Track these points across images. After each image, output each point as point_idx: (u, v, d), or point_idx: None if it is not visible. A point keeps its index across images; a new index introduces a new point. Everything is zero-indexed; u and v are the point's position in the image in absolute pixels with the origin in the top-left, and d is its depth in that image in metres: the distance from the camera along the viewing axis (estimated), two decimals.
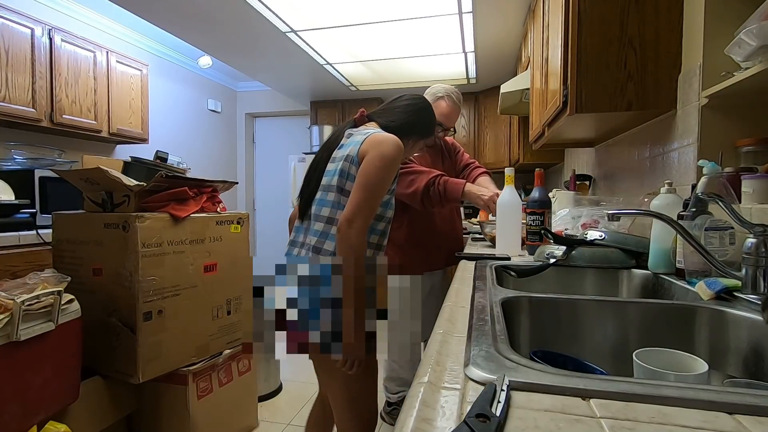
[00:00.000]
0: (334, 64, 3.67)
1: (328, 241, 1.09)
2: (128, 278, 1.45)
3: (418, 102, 1.26)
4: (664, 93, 1.29)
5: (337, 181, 1.10)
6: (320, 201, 1.12)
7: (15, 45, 2.54)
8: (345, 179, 1.09)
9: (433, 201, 1.61)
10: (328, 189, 1.12)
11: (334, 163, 1.13)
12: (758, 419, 0.36)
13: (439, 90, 1.80)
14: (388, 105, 1.26)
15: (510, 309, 0.76)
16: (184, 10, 2.70)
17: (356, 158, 1.08)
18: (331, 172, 1.13)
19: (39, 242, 2.18)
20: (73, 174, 1.59)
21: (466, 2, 2.57)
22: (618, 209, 0.93)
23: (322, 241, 1.09)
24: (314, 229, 1.12)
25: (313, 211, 1.13)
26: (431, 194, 1.60)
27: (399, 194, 1.65)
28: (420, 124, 1.25)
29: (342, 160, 1.10)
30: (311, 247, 1.10)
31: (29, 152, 2.79)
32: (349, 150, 1.11)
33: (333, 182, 1.11)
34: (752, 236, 0.70)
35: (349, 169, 1.09)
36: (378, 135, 1.11)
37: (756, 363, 0.65)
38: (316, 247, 1.09)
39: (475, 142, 4.42)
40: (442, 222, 1.87)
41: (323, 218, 1.11)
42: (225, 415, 1.78)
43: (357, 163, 1.08)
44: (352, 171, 1.09)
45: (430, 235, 1.82)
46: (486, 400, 0.37)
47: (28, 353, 1.20)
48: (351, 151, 1.10)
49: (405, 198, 1.66)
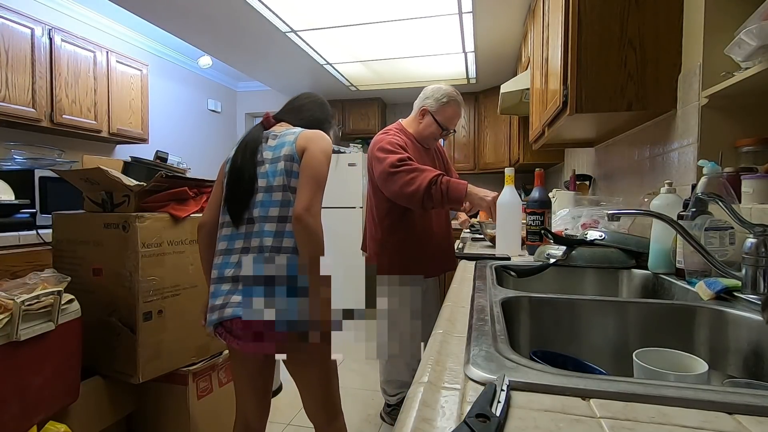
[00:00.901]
0: (334, 64, 3.67)
1: (285, 239, 1.11)
2: (128, 278, 1.45)
3: (316, 99, 1.34)
4: (664, 93, 1.29)
5: (282, 180, 1.12)
6: (265, 203, 1.13)
7: (15, 45, 2.54)
8: (290, 177, 1.13)
9: (435, 201, 1.56)
10: (271, 190, 1.13)
11: (269, 164, 1.15)
12: (758, 419, 0.36)
13: (443, 95, 1.79)
14: (290, 106, 1.32)
15: (510, 309, 0.76)
16: (184, 10, 2.70)
17: (296, 155, 1.13)
18: (270, 173, 1.14)
19: (39, 242, 2.18)
20: (73, 174, 1.59)
21: (466, 2, 2.57)
22: (618, 209, 0.93)
23: (279, 240, 1.11)
24: (266, 230, 1.11)
25: (258, 214, 1.13)
26: (433, 193, 1.55)
27: (396, 193, 1.61)
28: (324, 120, 1.33)
29: (281, 160, 1.13)
30: (267, 248, 1.10)
31: (29, 152, 2.79)
32: (284, 150, 1.14)
33: (277, 182, 1.13)
34: (752, 236, 0.70)
35: (291, 168, 1.13)
36: (308, 132, 1.17)
37: (756, 363, 0.65)
38: (274, 246, 1.10)
39: (475, 142, 4.42)
40: (439, 229, 1.86)
41: (273, 218, 1.12)
42: (225, 415, 1.78)
43: (298, 160, 1.13)
44: (295, 168, 1.13)
45: (426, 243, 1.80)
46: (486, 400, 0.37)
47: (28, 353, 1.20)
48: (287, 150, 1.14)
49: (403, 197, 1.60)
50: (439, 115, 1.80)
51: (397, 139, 1.72)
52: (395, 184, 1.60)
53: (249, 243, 1.14)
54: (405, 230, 1.77)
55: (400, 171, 1.60)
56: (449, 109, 1.80)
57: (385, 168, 1.63)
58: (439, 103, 1.79)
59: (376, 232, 1.83)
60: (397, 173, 1.60)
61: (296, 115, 1.30)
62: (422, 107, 1.83)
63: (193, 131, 4.58)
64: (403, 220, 1.77)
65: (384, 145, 1.68)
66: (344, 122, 4.72)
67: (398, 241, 1.77)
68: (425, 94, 1.85)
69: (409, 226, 1.77)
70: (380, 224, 1.80)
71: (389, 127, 1.83)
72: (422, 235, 1.79)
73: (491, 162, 4.25)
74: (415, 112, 1.87)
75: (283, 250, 1.10)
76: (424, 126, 1.83)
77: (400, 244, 1.77)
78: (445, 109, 1.79)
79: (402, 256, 1.77)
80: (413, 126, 1.86)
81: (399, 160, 1.61)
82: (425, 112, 1.82)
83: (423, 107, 1.83)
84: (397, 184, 1.60)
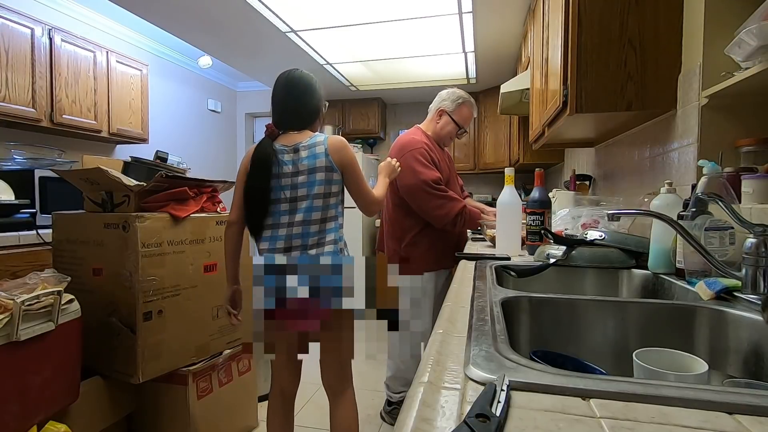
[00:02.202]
0: (334, 64, 3.67)
1: (328, 235, 1.33)
2: (128, 278, 1.45)
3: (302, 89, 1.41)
4: (664, 93, 1.29)
5: (322, 189, 1.31)
6: (308, 209, 1.31)
7: (15, 45, 2.54)
8: (330, 185, 1.32)
9: (457, 228, 1.83)
10: (313, 197, 1.31)
11: (303, 176, 1.32)
12: (758, 419, 0.36)
13: (460, 96, 1.94)
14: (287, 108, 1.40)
15: (510, 309, 0.76)
16: (185, 10, 2.70)
17: (334, 166, 1.32)
18: (309, 184, 1.31)
19: (39, 242, 2.18)
20: (73, 174, 1.59)
21: (466, 2, 2.57)
22: (618, 209, 0.93)
23: (323, 237, 1.33)
24: (309, 231, 1.32)
25: (300, 218, 1.31)
26: (456, 223, 1.79)
27: (423, 209, 1.80)
28: (319, 102, 1.44)
29: (319, 171, 1.31)
30: (313, 245, 1.32)
31: (29, 152, 2.79)
32: (317, 162, 1.31)
33: (317, 191, 1.31)
34: (752, 236, 0.70)
35: (331, 177, 1.32)
36: (333, 139, 1.34)
37: (756, 363, 0.65)
38: (319, 243, 1.33)
39: (475, 142, 4.42)
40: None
41: (316, 221, 1.32)
42: (225, 415, 1.78)
43: (336, 169, 1.32)
44: (335, 177, 1.33)
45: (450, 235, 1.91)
46: (486, 400, 0.37)
47: (28, 353, 1.20)
48: (321, 162, 1.31)
49: (429, 215, 1.79)
50: (456, 114, 1.93)
51: (429, 153, 1.84)
52: (426, 202, 1.78)
53: (290, 243, 1.32)
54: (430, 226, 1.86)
55: (435, 192, 1.77)
56: (465, 109, 1.94)
57: (419, 183, 1.77)
58: (456, 103, 1.92)
59: (396, 230, 1.92)
60: (432, 194, 1.77)
61: (298, 119, 1.39)
62: (439, 108, 1.95)
63: (193, 131, 4.58)
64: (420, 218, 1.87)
65: (419, 156, 1.80)
66: (344, 122, 4.72)
67: (426, 236, 1.87)
68: (441, 96, 1.97)
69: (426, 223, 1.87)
70: (402, 222, 1.89)
71: (414, 134, 1.92)
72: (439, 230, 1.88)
73: (491, 162, 4.25)
74: (431, 114, 1.99)
75: (327, 245, 1.32)
76: (441, 126, 1.94)
77: (428, 239, 1.87)
78: (461, 109, 1.93)
79: (434, 252, 1.87)
80: (430, 127, 1.97)
81: (435, 181, 1.77)
82: (442, 113, 1.94)
83: (440, 108, 1.95)
84: (427, 203, 1.78)
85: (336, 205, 1.36)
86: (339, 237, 1.37)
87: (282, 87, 1.41)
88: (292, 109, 1.39)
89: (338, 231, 1.37)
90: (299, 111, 1.39)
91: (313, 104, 1.41)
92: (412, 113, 4.93)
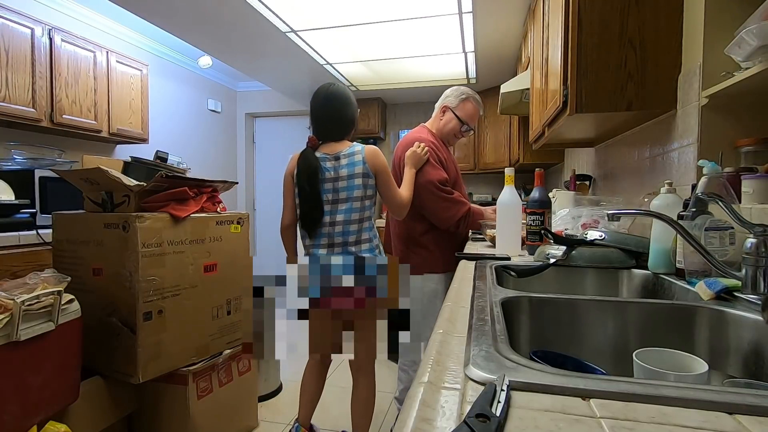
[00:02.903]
0: (335, 64, 3.67)
1: (363, 234, 1.57)
2: (128, 278, 1.45)
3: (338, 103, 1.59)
4: (664, 93, 1.29)
5: (360, 193, 1.54)
6: (348, 210, 1.54)
7: (15, 45, 2.54)
8: (366, 189, 1.55)
9: (460, 230, 1.82)
10: (352, 200, 1.54)
11: (344, 181, 1.53)
12: (758, 419, 0.36)
13: (463, 92, 1.91)
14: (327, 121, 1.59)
15: (510, 309, 0.76)
16: (184, 10, 2.70)
17: (370, 172, 1.54)
18: (349, 188, 1.54)
19: (39, 242, 2.18)
20: (73, 174, 1.59)
21: (466, 2, 2.57)
22: (618, 209, 0.93)
23: (359, 235, 1.56)
24: (349, 230, 1.54)
25: (341, 219, 1.54)
26: (460, 226, 1.77)
27: (427, 208, 1.77)
28: (354, 113, 1.63)
29: (357, 177, 1.53)
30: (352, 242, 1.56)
31: (29, 152, 2.79)
32: (355, 169, 1.53)
33: (356, 195, 1.53)
34: (752, 236, 0.70)
35: (367, 183, 1.54)
36: (369, 149, 1.56)
37: (756, 363, 0.65)
38: (357, 241, 1.56)
39: (475, 142, 4.42)
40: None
41: (355, 221, 1.55)
42: (225, 415, 1.78)
43: (372, 175, 1.55)
44: (370, 182, 1.55)
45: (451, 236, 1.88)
46: (486, 400, 0.37)
47: (28, 353, 1.20)
48: (359, 169, 1.53)
49: (433, 216, 1.78)
50: (459, 110, 1.90)
51: (437, 152, 1.81)
52: (431, 203, 1.76)
53: (333, 240, 1.55)
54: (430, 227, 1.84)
55: (441, 194, 1.75)
56: (469, 105, 1.90)
57: (425, 183, 1.75)
58: (459, 99, 1.89)
59: (402, 230, 1.88)
60: (438, 195, 1.75)
61: (337, 131, 1.59)
62: (443, 105, 1.93)
63: (193, 131, 4.58)
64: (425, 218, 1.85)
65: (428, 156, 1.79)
66: None
67: (433, 237, 1.84)
68: (445, 94, 1.95)
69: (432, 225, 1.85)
70: (409, 222, 1.84)
71: (420, 132, 1.90)
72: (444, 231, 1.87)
73: (491, 162, 4.25)
74: (436, 111, 1.97)
75: (363, 242, 1.56)
76: (444, 122, 1.92)
77: (436, 240, 1.84)
78: (464, 105, 1.90)
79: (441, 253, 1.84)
80: (435, 125, 1.95)
81: (442, 182, 1.76)
82: (446, 109, 1.92)
83: (444, 105, 1.92)
84: (432, 204, 1.76)
85: (370, 206, 1.58)
86: (374, 235, 1.60)
87: (322, 101, 1.58)
88: (332, 121, 1.58)
89: (372, 230, 1.59)
90: (338, 123, 1.58)
91: (349, 117, 1.61)
92: (412, 113, 4.93)
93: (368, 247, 1.57)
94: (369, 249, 1.57)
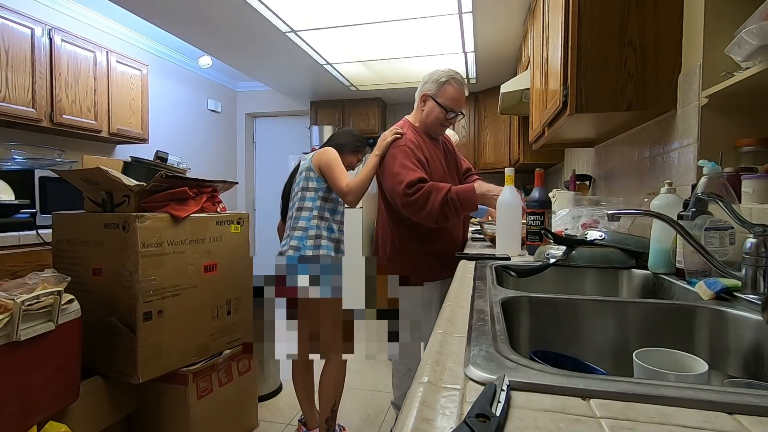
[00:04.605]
0: (334, 64, 3.67)
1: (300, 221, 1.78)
2: (128, 278, 1.45)
3: (345, 130, 1.99)
4: (664, 93, 1.29)
5: (303, 184, 1.79)
6: (294, 201, 1.81)
7: (15, 45, 2.54)
8: (308, 182, 1.78)
9: (450, 216, 1.53)
10: (299, 192, 1.79)
11: (299, 176, 1.82)
12: (758, 419, 0.36)
13: (441, 75, 1.68)
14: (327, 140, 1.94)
15: (510, 309, 0.76)
16: (184, 10, 2.70)
17: (312, 167, 1.78)
18: (297, 183, 1.82)
19: (39, 242, 2.19)
20: (73, 174, 1.59)
21: (466, 2, 2.57)
22: (618, 209, 0.93)
23: (296, 222, 1.78)
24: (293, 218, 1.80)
25: (291, 211, 1.81)
26: (446, 212, 1.51)
27: (407, 213, 1.57)
28: (346, 142, 1.90)
29: (303, 172, 1.80)
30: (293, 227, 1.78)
31: (29, 152, 2.79)
32: (304, 166, 1.81)
33: (301, 186, 1.79)
34: (752, 236, 0.70)
35: (309, 176, 1.78)
36: (318, 151, 1.81)
37: (756, 363, 0.65)
38: (294, 227, 1.77)
39: (475, 142, 4.42)
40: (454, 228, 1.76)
41: (299, 209, 1.78)
42: (225, 415, 1.78)
43: (314, 170, 1.77)
44: (311, 175, 1.77)
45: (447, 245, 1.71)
46: (486, 400, 0.37)
47: (28, 353, 1.20)
48: (305, 165, 1.81)
49: (415, 218, 1.57)
50: (440, 96, 1.67)
51: (414, 150, 1.62)
52: (406, 207, 1.56)
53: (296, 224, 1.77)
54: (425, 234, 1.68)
55: (413, 195, 1.52)
56: (449, 88, 1.67)
57: (395, 186, 1.57)
58: (438, 84, 1.68)
59: (385, 232, 1.74)
60: (410, 197, 1.53)
61: (327, 143, 1.87)
62: (422, 94, 1.72)
63: (193, 131, 4.58)
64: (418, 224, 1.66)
65: (399, 155, 1.60)
66: (344, 122, 4.72)
67: (420, 245, 1.68)
68: (423, 80, 1.74)
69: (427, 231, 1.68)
70: (396, 229, 1.71)
71: (400, 128, 1.71)
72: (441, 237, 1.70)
73: (491, 162, 4.25)
74: (416, 101, 1.77)
75: (298, 230, 1.75)
76: (426, 112, 1.71)
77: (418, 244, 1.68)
78: (445, 89, 1.67)
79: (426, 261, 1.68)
80: (417, 117, 1.75)
81: (412, 182, 1.53)
82: (426, 98, 1.71)
83: (423, 93, 1.72)
84: (407, 208, 1.56)
85: (312, 199, 1.75)
86: (311, 225, 1.73)
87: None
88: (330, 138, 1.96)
89: (311, 220, 1.74)
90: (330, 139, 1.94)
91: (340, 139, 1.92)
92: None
93: (300, 235, 1.72)
94: (300, 237, 1.72)
